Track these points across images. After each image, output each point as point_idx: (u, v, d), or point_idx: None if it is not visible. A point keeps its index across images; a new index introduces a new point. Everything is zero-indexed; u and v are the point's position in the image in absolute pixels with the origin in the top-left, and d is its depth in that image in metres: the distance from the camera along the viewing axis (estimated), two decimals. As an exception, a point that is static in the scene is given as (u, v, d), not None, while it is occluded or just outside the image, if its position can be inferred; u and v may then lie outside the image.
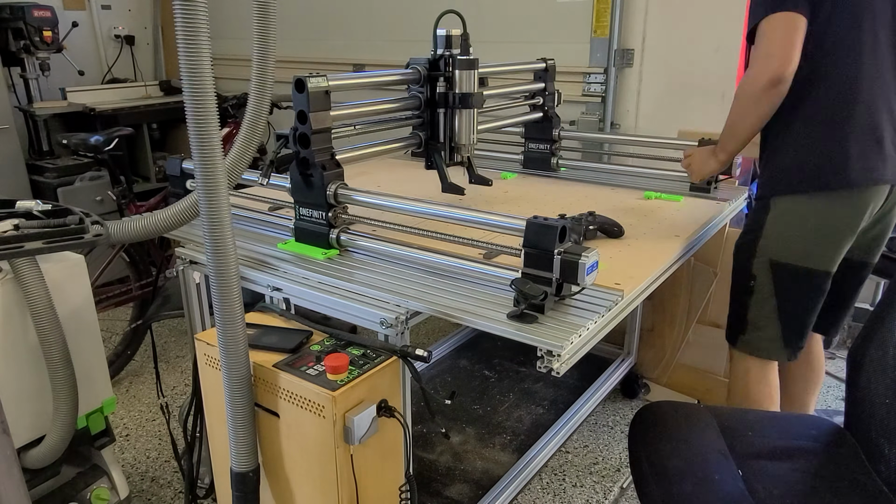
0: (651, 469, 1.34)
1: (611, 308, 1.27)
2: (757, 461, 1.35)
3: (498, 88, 2.09)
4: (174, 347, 3.02)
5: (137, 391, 2.66)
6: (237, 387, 1.20)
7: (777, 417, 1.63)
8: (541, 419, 2.24)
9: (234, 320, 1.17)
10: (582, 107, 2.75)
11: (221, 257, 1.13)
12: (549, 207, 1.91)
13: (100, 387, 1.60)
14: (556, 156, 2.35)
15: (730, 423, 1.46)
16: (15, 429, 1.39)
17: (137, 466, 2.21)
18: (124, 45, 4.22)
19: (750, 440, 1.41)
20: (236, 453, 1.26)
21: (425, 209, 1.40)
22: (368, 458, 1.22)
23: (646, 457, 1.38)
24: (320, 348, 1.29)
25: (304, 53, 3.66)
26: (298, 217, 1.57)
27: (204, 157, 1.06)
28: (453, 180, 1.78)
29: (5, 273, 1.38)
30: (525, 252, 1.23)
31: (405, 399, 1.32)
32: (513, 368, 2.56)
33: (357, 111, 1.60)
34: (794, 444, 1.41)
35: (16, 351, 1.41)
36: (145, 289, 2.79)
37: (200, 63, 1.01)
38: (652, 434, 1.44)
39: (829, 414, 2.47)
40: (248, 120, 1.33)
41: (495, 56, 2.09)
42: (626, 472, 2.15)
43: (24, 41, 3.27)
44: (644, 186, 2.16)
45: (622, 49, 2.60)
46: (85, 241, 1.23)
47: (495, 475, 1.95)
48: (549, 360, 1.14)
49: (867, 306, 2.80)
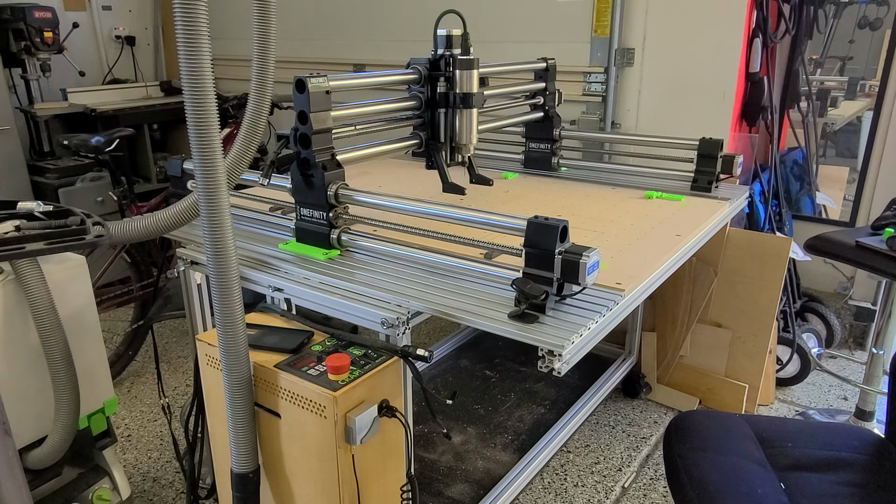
0: (690, 482, 1.31)
1: (612, 308, 1.27)
2: (798, 473, 1.32)
3: (498, 88, 2.09)
4: (175, 348, 3.02)
5: (139, 392, 2.66)
6: (237, 388, 1.20)
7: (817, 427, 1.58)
8: (542, 419, 2.24)
9: (234, 321, 1.18)
10: (582, 106, 2.75)
11: (221, 258, 1.13)
12: (550, 207, 1.91)
13: (101, 387, 1.60)
14: (556, 155, 2.35)
15: (767, 434, 1.43)
16: (17, 429, 1.40)
17: (139, 467, 2.21)
18: (125, 46, 4.22)
19: (790, 451, 1.38)
20: (236, 454, 1.26)
21: (426, 209, 1.40)
22: (370, 458, 1.22)
23: (684, 469, 1.34)
24: (321, 348, 1.29)
25: (305, 53, 3.66)
26: (299, 217, 1.57)
27: (204, 158, 1.07)
28: (454, 180, 1.78)
29: (7, 274, 1.38)
30: (526, 252, 1.23)
31: (406, 399, 1.32)
32: (514, 368, 2.56)
33: (358, 111, 1.60)
34: (836, 456, 1.38)
35: (17, 352, 1.41)
36: (146, 289, 2.79)
37: (201, 63, 1.01)
38: (689, 445, 1.40)
39: (831, 413, 2.47)
40: (249, 120, 1.33)
41: (496, 56, 2.09)
42: (627, 471, 2.15)
43: (24, 42, 3.27)
44: (645, 186, 2.16)
45: (623, 48, 2.60)
46: (86, 241, 1.23)
47: (497, 475, 1.95)
48: (551, 360, 1.14)
49: (869, 305, 2.80)
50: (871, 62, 2.75)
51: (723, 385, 2.42)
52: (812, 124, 2.95)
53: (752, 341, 2.35)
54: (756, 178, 2.68)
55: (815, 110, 2.93)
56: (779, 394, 2.60)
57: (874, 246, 1.88)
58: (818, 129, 3.00)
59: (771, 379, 2.51)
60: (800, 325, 2.68)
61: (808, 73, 2.82)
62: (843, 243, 1.96)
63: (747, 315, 2.33)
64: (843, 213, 2.85)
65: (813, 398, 2.59)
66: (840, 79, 2.94)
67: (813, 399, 2.58)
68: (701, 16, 2.42)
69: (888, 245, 1.85)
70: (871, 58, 2.74)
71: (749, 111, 2.62)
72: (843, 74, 2.92)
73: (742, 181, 2.27)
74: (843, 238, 1.98)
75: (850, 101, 2.94)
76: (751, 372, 2.38)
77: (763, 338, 2.32)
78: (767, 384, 2.48)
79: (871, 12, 2.72)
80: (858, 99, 2.89)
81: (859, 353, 2.85)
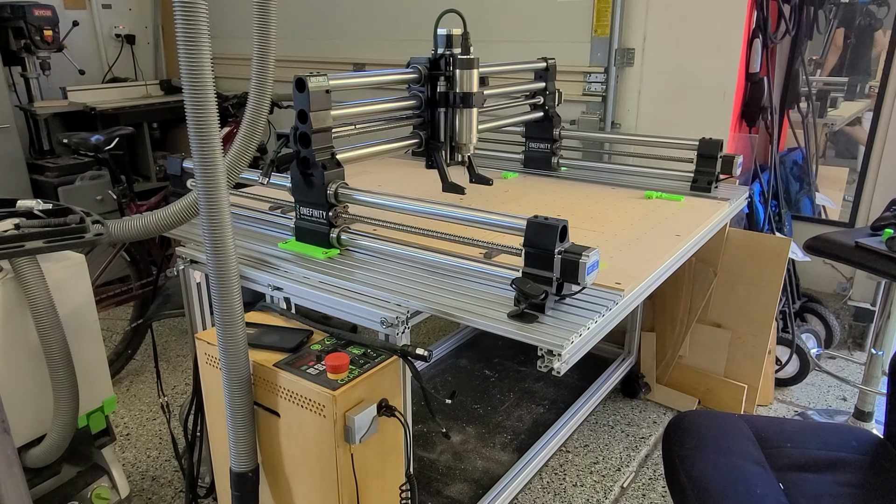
0: (689, 482, 1.31)
1: (611, 308, 1.27)
2: (798, 473, 1.32)
3: (498, 88, 2.09)
4: (175, 347, 3.02)
5: (138, 390, 2.66)
6: (237, 387, 1.20)
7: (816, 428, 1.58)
8: (541, 418, 2.24)
9: (233, 320, 1.17)
10: (582, 106, 2.75)
11: (221, 256, 1.13)
12: (550, 207, 1.91)
13: (100, 386, 1.60)
14: (556, 155, 2.35)
15: (766, 434, 1.43)
16: (16, 428, 1.39)
17: (138, 465, 2.21)
18: (125, 45, 4.22)
19: (789, 452, 1.38)
20: (235, 453, 1.26)
21: (426, 208, 1.40)
22: (369, 457, 1.22)
23: (683, 469, 1.34)
24: (321, 348, 1.29)
25: (305, 53, 3.66)
26: (299, 216, 1.57)
27: (204, 157, 1.06)
28: (454, 180, 1.78)
29: (6, 272, 1.38)
30: (526, 251, 1.23)
31: (405, 398, 1.32)
32: (513, 368, 2.56)
33: (358, 111, 1.59)
34: (835, 456, 1.38)
35: (16, 350, 1.41)
36: (146, 288, 2.79)
37: (201, 62, 1.01)
38: (688, 445, 1.40)
39: (830, 414, 2.47)
40: (248, 119, 1.33)
41: (496, 55, 2.09)
42: (626, 471, 2.15)
43: (24, 40, 3.26)
44: (645, 186, 2.16)
45: (623, 48, 2.60)
46: (85, 240, 1.23)
47: (496, 474, 1.95)
48: (550, 360, 1.14)
49: (868, 306, 2.80)
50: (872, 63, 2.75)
51: (722, 385, 2.42)
52: (812, 125, 2.95)
53: (751, 341, 2.35)
54: (756, 178, 2.68)
55: (814, 111, 2.93)
56: (778, 394, 2.60)
57: (873, 247, 1.88)
58: (818, 129, 3.00)
59: (770, 379, 2.52)
60: (799, 326, 2.69)
61: (807, 73, 2.83)
62: (842, 244, 1.96)
63: (747, 315, 2.33)
64: (842, 214, 2.85)
65: (812, 399, 2.59)
66: (840, 79, 2.94)
67: (812, 399, 2.58)
68: (701, 16, 2.42)
69: (887, 246, 1.85)
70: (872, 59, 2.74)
71: (749, 111, 2.62)
72: (843, 75, 2.92)
73: (742, 181, 2.27)
74: (843, 239, 1.98)
75: (850, 102, 2.95)
76: (750, 372, 2.38)
77: (762, 338, 2.32)
78: (766, 384, 2.49)
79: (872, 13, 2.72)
80: (858, 100, 2.89)
81: (858, 354, 2.85)
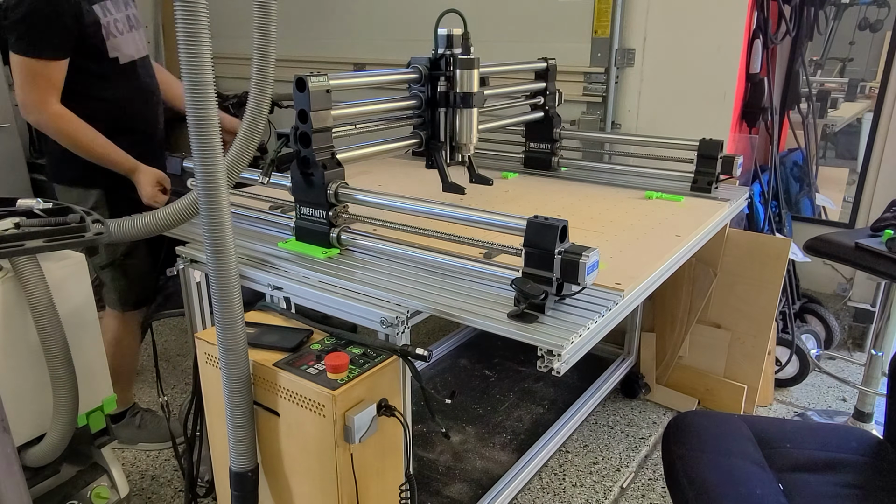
0: (689, 483, 1.31)
1: (611, 308, 1.27)
2: (797, 474, 1.32)
3: (499, 88, 2.09)
4: (175, 346, 3.02)
5: (137, 390, 2.65)
6: (236, 386, 1.20)
7: (815, 428, 1.59)
8: (541, 419, 2.24)
9: (233, 319, 1.17)
10: (583, 106, 2.75)
11: (221, 256, 1.13)
12: (550, 207, 1.91)
13: (100, 385, 1.60)
14: (556, 155, 2.35)
15: (766, 435, 1.43)
16: (15, 427, 1.39)
17: (137, 465, 2.21)
18: (125, 44, 4.21)
19: (788, 452, 1.38)
20: (235, 453, 1.25)
21: (426, 208, 1.40)
22: (368, 457, 1.22)
23: (682, 469, 1.34)
24: (320, 347, 1.29)
25: (305, 52, 3.66)
26: (299, 216, 1.57)
27: (204, 156, 1.06)
28: (454, 180, 1.78)
29: (6, 271, 1.38)
30: (525, 251, 1.23)
31: (405, 398, 1.32)
32: (513, 368, 2.56)
33: (358, 110, 1.59)
34: (834, 457, 1.38)
35: (16, 349, 1.41)
36: (146, 287, 2.78)
37: (201, 62, 1.01)
38: (688, 445, 1.40)
39: (830, 414, 2.47)
40: (249, 118, 1.33)
41: (496, 55, 2.09)
42: (626, 471, 2.15)
43: (25, 39, 3.26)
44: (645, 186, 2.16)
45: (623, 49, 2.60)
46: (85, 239, 1.23)
47: (495, 474, 1.95)
48: (550, 360, 1.14)
49: (868, 307, 2.80)
50: (872, 64, 2.75)
51: (722, 386, 2.42)
52: (812, 126, 2.95)
53: (751, 342, 2.35)
54: (756, 179, 2.68)
55: (815, 112, 2.93)
56: (777, 395, 2.60)
57: (873, 247, 1.88)
58: (818, 130, 3.00)
59: (770, 380, 2.51)
60: (799, 327, 2.69)
61: (808, 74, 2.83)
62: (842, 245, 1.96)
63: (746, 316, 2.33)
64: (842, 215, 2.85)
65: (811, 399, 2.59)
66: (840, 80, 2.94)
67: (811, 400, 2.58)
68: (701, 16, 2.42)
69: (887, 247, 1.85)
70: (872, 60, 2.74)
71: (749, 112, 2.62)
72: (844, 76, 2.93)
73: (742, 182, 2.27)
74: (843, 239, 1.98)
75: (851, 103, 2.95)
76: (750, 373, 2.38)
77: (762, 339, 2.32)
78: (766, 385, 2.49)
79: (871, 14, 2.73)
80: (859, 100, 2.90)
81: (858, 355, 2.85)
